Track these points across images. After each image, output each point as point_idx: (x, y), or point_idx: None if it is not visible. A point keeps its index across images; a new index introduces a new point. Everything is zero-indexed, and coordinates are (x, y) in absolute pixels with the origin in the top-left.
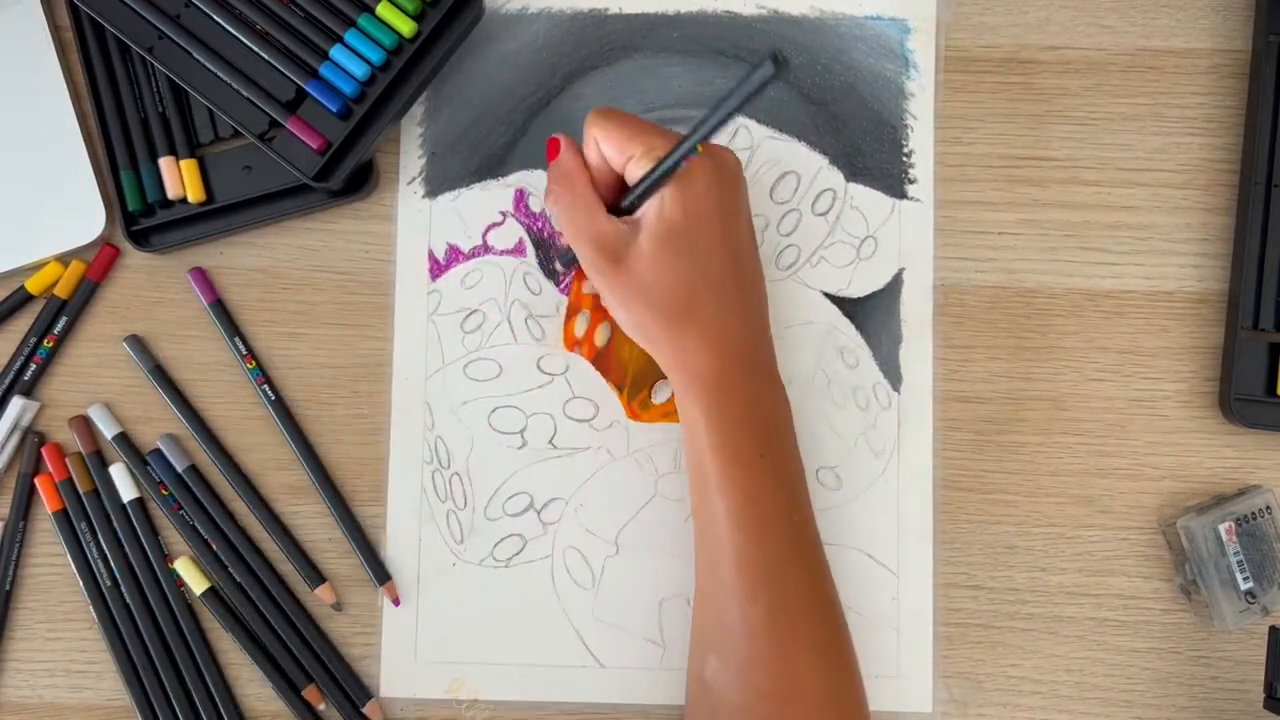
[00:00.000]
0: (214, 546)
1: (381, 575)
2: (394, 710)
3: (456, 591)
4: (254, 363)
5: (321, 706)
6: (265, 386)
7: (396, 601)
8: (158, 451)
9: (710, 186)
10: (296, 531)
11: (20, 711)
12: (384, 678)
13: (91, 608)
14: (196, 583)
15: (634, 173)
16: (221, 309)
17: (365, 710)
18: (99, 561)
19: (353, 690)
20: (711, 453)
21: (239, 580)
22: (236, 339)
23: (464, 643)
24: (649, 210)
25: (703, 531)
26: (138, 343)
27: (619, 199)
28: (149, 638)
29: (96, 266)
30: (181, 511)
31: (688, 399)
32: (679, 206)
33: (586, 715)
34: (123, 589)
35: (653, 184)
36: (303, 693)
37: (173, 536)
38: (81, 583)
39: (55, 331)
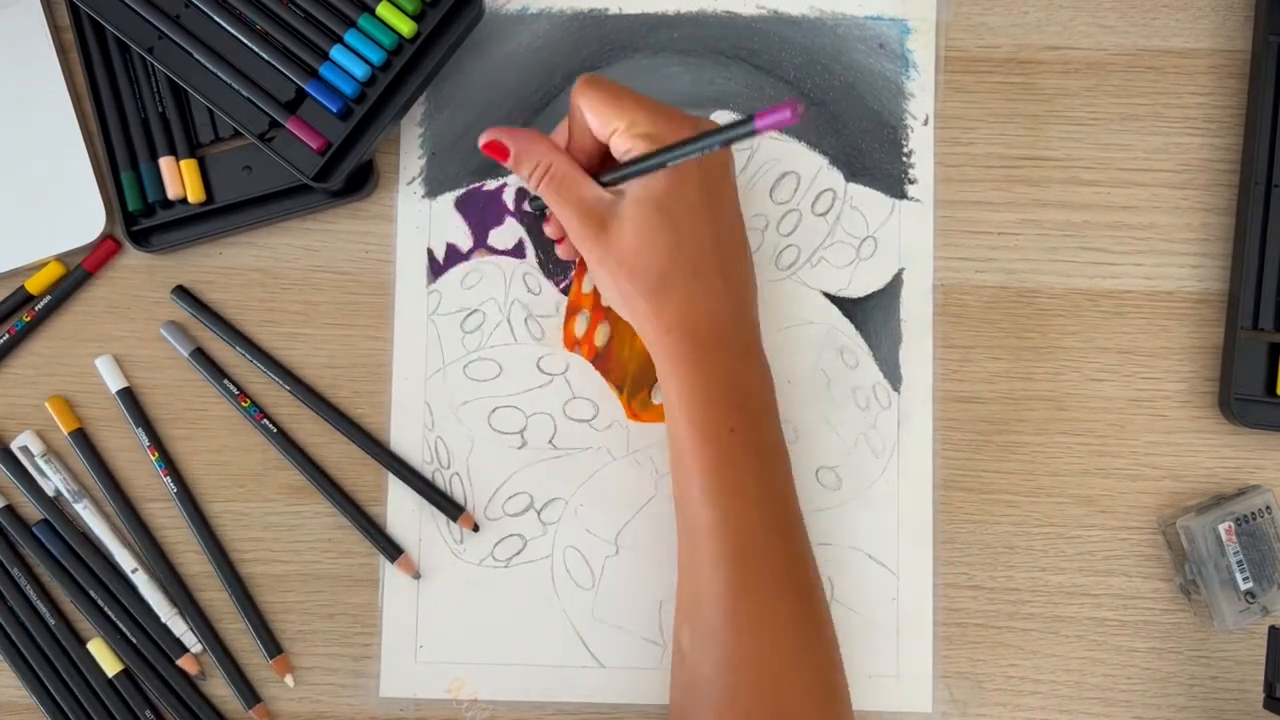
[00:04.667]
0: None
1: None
2: (394, 710)
3: (456, 591)
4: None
5: None
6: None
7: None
8: (44, 523)
9: (698, 165)
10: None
11: (21, 711)
12: (384, 678)
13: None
14: (109, 665)
15: (618, 145)
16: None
17: None
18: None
19: None
20: (685, 424)
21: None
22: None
23: (464, 643)
24: (635, 180)
25: (680, 504)
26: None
27: (598, 167)
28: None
29: (93, 258)
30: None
31: (665, 370)
32: (665, 179)
33: (586, 715)
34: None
35: (638, 171)
36: None
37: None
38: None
39: (37, 308)
